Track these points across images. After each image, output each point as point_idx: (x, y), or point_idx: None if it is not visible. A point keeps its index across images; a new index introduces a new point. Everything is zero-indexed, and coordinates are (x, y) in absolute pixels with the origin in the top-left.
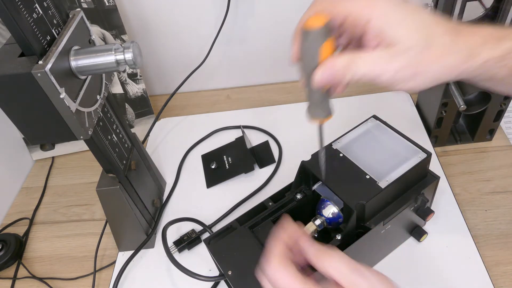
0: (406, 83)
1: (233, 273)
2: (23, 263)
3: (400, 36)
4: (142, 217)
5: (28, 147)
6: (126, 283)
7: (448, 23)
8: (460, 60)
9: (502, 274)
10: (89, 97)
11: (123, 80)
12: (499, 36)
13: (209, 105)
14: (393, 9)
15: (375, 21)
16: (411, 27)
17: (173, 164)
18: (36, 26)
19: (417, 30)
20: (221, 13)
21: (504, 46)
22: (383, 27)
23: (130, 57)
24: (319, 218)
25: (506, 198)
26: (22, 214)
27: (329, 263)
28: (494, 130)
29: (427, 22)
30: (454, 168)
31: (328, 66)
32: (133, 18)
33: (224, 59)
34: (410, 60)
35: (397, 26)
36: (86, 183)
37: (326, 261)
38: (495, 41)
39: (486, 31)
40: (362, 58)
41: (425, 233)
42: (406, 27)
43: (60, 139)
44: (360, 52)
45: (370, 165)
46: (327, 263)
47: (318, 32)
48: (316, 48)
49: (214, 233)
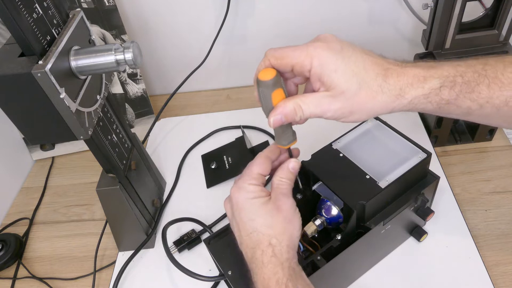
0: (347, 118)
1: (233, 273)
2: (23, 263)
3: (336, 82)
4: (142, 217)
5: (28, 147)
6: (126, 283)
7: (380, 66)
8: (390, 99)
9: (502, 274)
10: (89, 97)
11: (123, 80)
12: (425, 76)
13: (209, 105)
14: (329, 59)
15: (314, 70)
16: (345, 74)
17: (173, 164)
18: (36, 26)
19: (350, 76)
20: (221, 13)
21: (427, 86)
22: (321, 75)
23: (130, 57)
24: (319, 218)
25: (506, 198)
26: (22, 214)
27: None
28: (494, 130)
29: (360, 68)
30: (454, 168)
31: (278, 111)
32: (133, 18)
33: (224, 59)
34: (346, 102)
35: (332, 74)
36: (86, 183)
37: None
38: (420, 81)
39: (414, 72)
40: (306, 102)
41: (425, 233)
42: (341, 74)
43: (60, 139)
44: (306, 95)
45: (370, 165)
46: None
47: (268, 83)
48: (269, 94)
49: (214, 233)
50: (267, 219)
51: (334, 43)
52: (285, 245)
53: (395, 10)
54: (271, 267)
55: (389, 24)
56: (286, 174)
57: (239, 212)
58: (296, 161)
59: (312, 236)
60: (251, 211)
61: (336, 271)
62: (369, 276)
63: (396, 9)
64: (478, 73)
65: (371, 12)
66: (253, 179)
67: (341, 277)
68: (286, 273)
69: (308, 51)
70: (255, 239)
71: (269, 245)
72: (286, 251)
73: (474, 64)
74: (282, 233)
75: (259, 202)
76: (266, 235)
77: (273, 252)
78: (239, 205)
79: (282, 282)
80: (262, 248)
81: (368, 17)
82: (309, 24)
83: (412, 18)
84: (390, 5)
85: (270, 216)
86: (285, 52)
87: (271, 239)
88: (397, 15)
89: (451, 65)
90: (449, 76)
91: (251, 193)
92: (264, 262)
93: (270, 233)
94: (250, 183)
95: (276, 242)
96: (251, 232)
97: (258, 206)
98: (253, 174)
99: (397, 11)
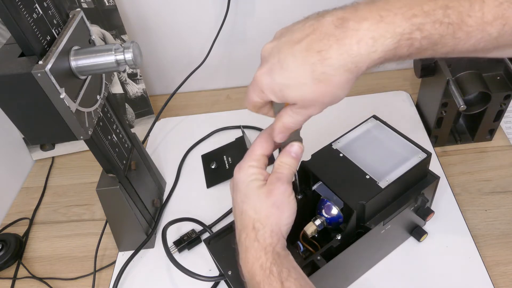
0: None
1: (233, 273)
2: (23, 263)
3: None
4: (142, 217)
5: (28, 147)
6: (126, 283)
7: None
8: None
9: (502, 274)
10: (89, 97)
11: (123, 80)
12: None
13: (209, 105)
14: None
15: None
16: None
17: (173, 164)
18: (36, 26)
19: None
20: (221, 13)
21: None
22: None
23: (130, 57)
24: (319, 218)
25: (506, 198)
26: (22, 214)
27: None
28: (494, 130)
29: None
30: (454, 168)
31: (277, 131)
32: (133, 18)
33: (224, 59)
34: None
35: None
36: (86, 183)
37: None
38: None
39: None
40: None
41: (425, 233)
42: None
43: (60, 139)
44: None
45: (370, 165)
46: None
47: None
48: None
49: (214, 233)
50: (256, 203)
51: (264, 62)
52: (268, 230)
53: None
54: (253, 252)
55: None
56: (286, 159)
57: (236, 192)
58: (299, 145)
59: (312, 236)
60: (244, 193)
61: (336, 271)
62: (369, 276)
63: None
64: (440, 22)
65: None
66: (254, 160)
67: (341, 277)
68: (269, 258)
69: (254, 89)
70: (243, 221)
71: (253, 229)
72: (270, 235)
73: (433, 10)
74: (267, 218)
75: (254, 185)
76: (251, 218)
77: (255, 237)
78: (237, 186)
79: (266, 267)
80: (246, 232)
81: None
82: None
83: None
84: None
85: (259, 200)
86: (249, 99)
87: (255, 223)
88: None
89: (405, 16)
90: (404, 34)
91: (249, 176)
92: (247, 246)
93: (255, 217)
94: (251, 165)
95: (260, 226)
96: (241, 214)
97: (252, 189)
98: (254, 155)
99: None
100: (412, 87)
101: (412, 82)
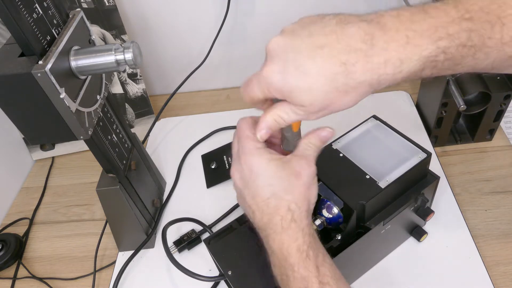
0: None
1: (233, 273)
2: (23, 263)
3: (299, 102)
4: (142, 217)
5: (28, 147)
6: (126, 283)
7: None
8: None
9: (502, 274)
10: (89, 97)
11: (123, 80)
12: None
13: (209, 105)
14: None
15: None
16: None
17: (173, 164)
18: (36, 26)
19: (307, 90)
20: (221, 13)
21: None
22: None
23: (130, 57)
24: (319, 218)
25: (506, 198)
26: (22, 214)
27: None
28: (494, 130)
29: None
30: (454, 168)
31: (261, 126)
32: (133, 18)
33: (224, 59)
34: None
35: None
36: (86, 183)
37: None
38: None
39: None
40: (286, 111)
41: (425, 233)
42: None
43: (60, 139)
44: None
45: (370, 165)
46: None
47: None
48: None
49: (214, 233)
50: (286, 185)
51: (276, 60)
52: (304, 211)
53: None
54: (291, 233)
55: None
56: (315, 141)
57: (256, 177)
58: (330, 131)
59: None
60: (269, 176)
61: None
62: (369, 276)
63: None
64: (463, 45)
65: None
66: (257, 142)
67: None
68: (306, 240)
69: (260, 85)
70: (273, 205)
71: (289, 211)
72: (306, 216)
73: (458, 32)
74: (302, 199)
75: (275, 166)
76: (285, 200)
77: (292, 218)
78: (254, 170)
79: (303, 249)
80: (281, 214)
81: None
82: None
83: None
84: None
85: (290, 181)
86: (249, 93)
87: (290, 204)
88: None
89: (431, 38)
90: (430, 57)
91: (265, 157)
92: (284, 227)
93: (289, 198)
94: (258, 147)
95: (296, 207)
96: (269, 198)
97: (275, 170)
98: (254, 137)
99: None
100: (412, 87)
101: (412, 82)
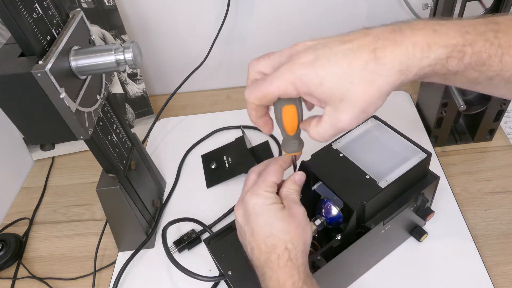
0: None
1: (233, 273)
2: (23, 263)
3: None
4: (142, 217)
5: (28, 147)
6: (126, 283)
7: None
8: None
9: (502, 274)
10: (89, 97)
11: (123, 80)
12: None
13: (209, 105)
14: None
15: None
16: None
17: (173, 164)
18: (36, 26)
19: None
20: (221, 13)
21: (433, 55)
22: (311, 93)
23: (130, 57)
24: (319, 218)
25: (506, 198)
26: (22, 214)
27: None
28: (494, 130)
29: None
30: (454, 168)
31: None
32: (133, 18)
33: (224, 59)
34: (351, 106)
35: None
36: (86, 183)
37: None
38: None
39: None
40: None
41: (425, 233)
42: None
43: (60, 139)
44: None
45: (370, 165)
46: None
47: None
48: (279, 109)
49: (214, 233)
50: (284, 225)
51: (306, 53)
52: (300, 250)
53: (394, 9)
54: (287, 270)
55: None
56: (293, 186)
57: (256, 217)
58: (301, 174)
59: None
60: (269, 216)
61: (336, 271)
62: (369, 276)
63: (396, 9)
64: (490, 42)
65: (371, 11)
66: (268, 187)
67: (341, 277)
68: (301, 277)
69: (285, 78)
70: (270, 244)
71: (285, 250)
72: (301, 256)
73: (484, 31)
74: (297, 239)
75: (275, 208)
76: (282, 239)
77: (289, 256)
78: (256, 210)
79: (298, 286)
80: (277, 253)
81: (367, 16)
82: (309, 23)
83: (412, 18)
84: (390, 5)
85: (287, 222)
86: (263, 90)
87: (287, 243)
88: (397, 14)
89: (458, 31)
90: (457, 45)
91: (269, 199)
92: (280, 265)
93: (287, 238)
94: (266, 190)
95: (292, 247)
96: (268, 237)
97: (275, 212)
98: (268, 182)
99: (397, 11)
100: (412, 87)
101: (412, 82)
